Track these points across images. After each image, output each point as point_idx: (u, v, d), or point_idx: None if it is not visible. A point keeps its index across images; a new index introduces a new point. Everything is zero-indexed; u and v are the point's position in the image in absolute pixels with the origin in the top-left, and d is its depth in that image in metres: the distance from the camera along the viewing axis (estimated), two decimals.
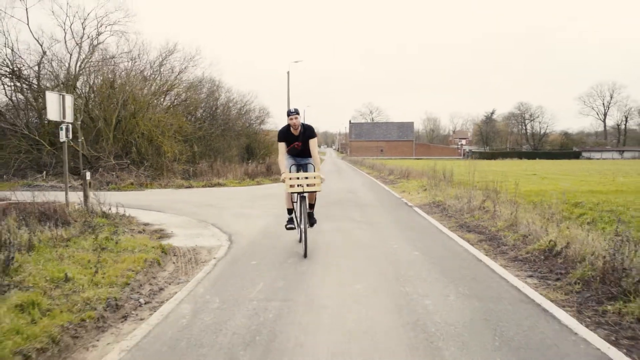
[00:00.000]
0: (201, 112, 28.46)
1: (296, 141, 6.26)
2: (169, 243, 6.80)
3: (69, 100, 9.12)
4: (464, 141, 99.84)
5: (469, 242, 7.01)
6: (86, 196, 8.84)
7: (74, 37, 21.48)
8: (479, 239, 7.21)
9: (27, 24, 26.53)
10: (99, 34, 22.03)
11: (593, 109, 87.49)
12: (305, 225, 6.02)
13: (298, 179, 5.97)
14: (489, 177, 15.57)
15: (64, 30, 21.66)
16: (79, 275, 4.59)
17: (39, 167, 19.48)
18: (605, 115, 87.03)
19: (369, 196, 14.47)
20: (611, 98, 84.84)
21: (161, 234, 7.76)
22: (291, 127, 6.16)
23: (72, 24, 22.77)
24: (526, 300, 4.27)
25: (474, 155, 75.60)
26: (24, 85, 20.91)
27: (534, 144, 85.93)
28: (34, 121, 21.00)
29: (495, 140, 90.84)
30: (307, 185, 5.96)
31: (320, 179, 5.98)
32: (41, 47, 20.62)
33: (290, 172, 6.18)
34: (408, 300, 4.29)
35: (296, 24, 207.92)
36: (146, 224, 8.52)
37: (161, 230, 8.08)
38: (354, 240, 7.22)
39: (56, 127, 15.53)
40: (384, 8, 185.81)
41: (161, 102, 24.37)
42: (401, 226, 8.65)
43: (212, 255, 6.24)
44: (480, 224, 8.30)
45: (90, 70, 21.98)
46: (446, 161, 30.83)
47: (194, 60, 25.21)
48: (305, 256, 5.89)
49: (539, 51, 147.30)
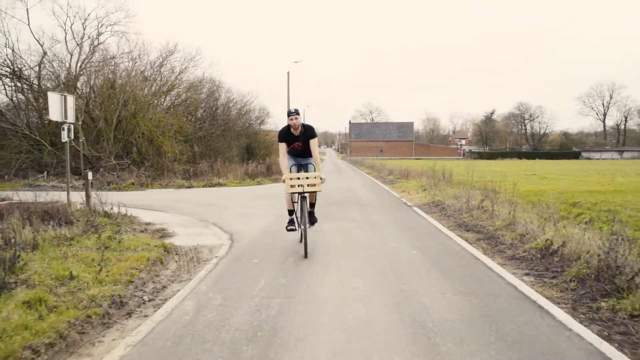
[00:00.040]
0: (201, 112, 28.54)
1: (296, 141, 6.28)
2: (171, 242, 6.89)
3: (70, 100, 9.18)
4: (463, 141, 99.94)
5: (467, 241, 7.10)
6: (88, 196, 8.92)
7: (75, 37, 21.62)
8: (477, 238, 7.29)
9: (28, 24, 26.65)
10: (99, 35, 22.17)
11: (593, 109, 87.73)
12: (306, 225, 6.07)
13: (299, 179, 6.02)
14: (488, 177, 15.67)
15: (64, 30, 21.80)
16: (83, 273, 4.68)
17: (40, 167, 19.58)
18: (604, 115, 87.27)
19: (369, 196, 14.55)
20: (611, 98, 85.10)
21: (163, 233, 7.85)
22: (291, 127, 6.18)
23: (72, 25, 22.86)
24: (522, 298, 4.36)
25: (473, 156, 75.81)
26: (25, 85, 21.00)
27: (533, 144, 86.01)
28: (34, 121, 21.11)
29: (495, 141, 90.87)
30: (307, 185, 6.01)
31: (320, 179, 6.02)
32: (42, 47, 20.75)
33: (290, 173, 6.22)
34: (407, 297, 4.37)
35: (296, 24, 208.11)
36: (148, 224, 8.61)
37: (163, 229, 8.16)
38: (354, 239, 7.29)
39: (57, 127, 15.64)
40: (384, 8, 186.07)
41: (162, 103, 24.45)
42: (401, 226, 8.73)
43: (214, 254, 6.32)
44: (478, 224, 8.38)
45: (90, 71, 22.10)
46: (446, 161, 30.90)
47: (194, 60, 25.30)
48: (306, 256, 5.94)
49: (540, 51, 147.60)
